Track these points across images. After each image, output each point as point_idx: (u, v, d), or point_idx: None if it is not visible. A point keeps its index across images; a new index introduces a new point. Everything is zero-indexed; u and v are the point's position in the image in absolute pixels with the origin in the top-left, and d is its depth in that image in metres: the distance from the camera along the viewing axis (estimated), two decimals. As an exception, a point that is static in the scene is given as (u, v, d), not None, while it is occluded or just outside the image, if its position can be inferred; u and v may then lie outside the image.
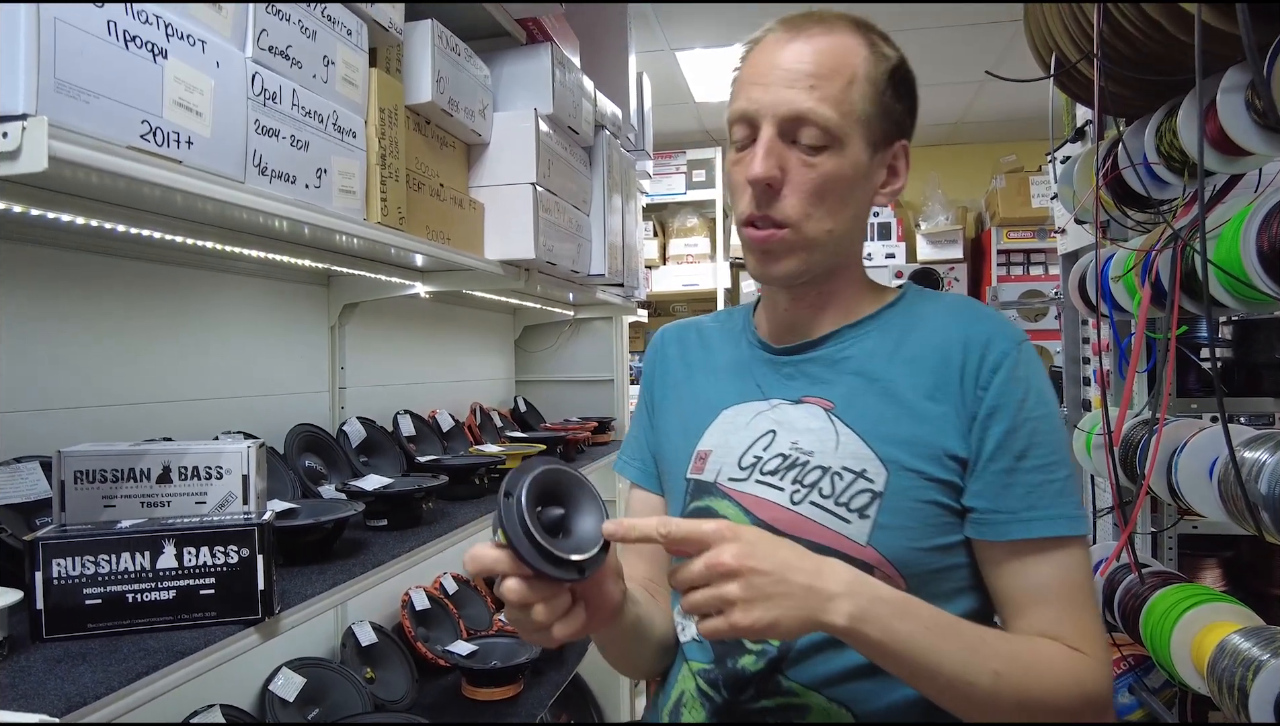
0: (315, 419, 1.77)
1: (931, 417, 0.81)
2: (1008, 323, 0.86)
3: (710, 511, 0.87)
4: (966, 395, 0.81)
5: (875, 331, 0.88)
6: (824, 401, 0.86)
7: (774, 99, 0.81)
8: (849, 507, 0.80)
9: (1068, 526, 0.78)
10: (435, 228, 1.53)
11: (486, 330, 2.73)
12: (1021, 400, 0.80)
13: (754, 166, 0.81)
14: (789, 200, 0.82)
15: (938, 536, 0.80)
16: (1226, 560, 1.79)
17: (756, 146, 0.82)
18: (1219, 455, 1.17)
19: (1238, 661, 1.09)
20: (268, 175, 1.05)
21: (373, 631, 1.84)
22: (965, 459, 0.80)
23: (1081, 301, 1.70)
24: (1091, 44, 1.33)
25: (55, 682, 0.78)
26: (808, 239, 0.83)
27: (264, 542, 0.97)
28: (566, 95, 1.91)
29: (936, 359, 0.83)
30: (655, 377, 1.03)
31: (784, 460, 0.85)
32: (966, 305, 0.88)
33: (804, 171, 0.81)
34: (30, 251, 1.19)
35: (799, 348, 0.91)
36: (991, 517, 0.79)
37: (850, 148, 0.82)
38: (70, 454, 1.02)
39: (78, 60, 0.77)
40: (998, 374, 0.81)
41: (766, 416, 0.88)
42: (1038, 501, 0.78)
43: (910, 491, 0.80)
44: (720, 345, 0.99)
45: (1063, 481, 0.80)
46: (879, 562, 0.79)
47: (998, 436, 0.79)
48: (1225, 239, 1.11)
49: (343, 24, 1.21)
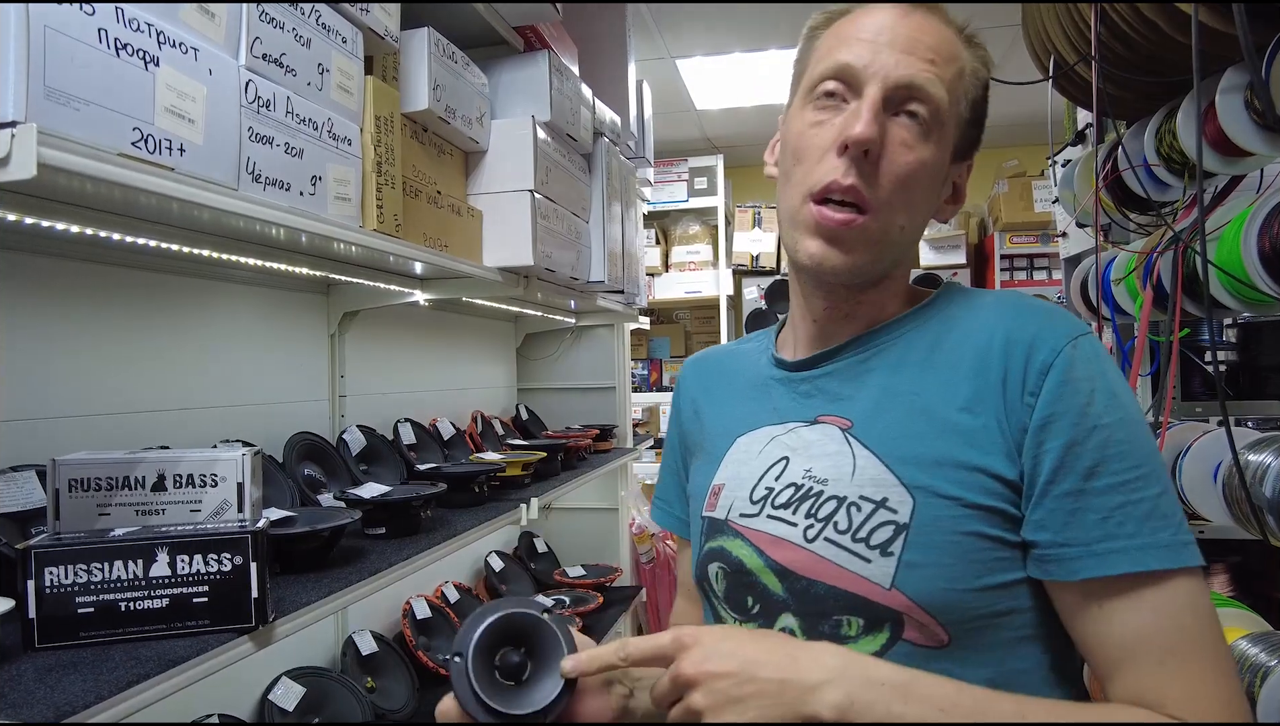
0: (315, 427, 1.76)
1: (969, 433, 0.68)
2: (1063, 315, 0.72)
3: (724, 553, 0.78)
4: (1012, 405, 0.68)
5: (904, 337, 0.77)
6: (841, 420, 0.75)
7: (890, 60, 0.71)
8: (869, 544, 0.69)
9: (1161, 558, 0.62)
10: (433, 235, 1.53)
11: (488, 338, 2.73)
12: (1085, 405, 0.66)
13: (857, 126, 0.69)
14: (881, 179, 0.71)
15: (984, 575, 0.66)
16: (1232, 565, 1.77)
17: (861, 106, 0.71)
18: (1223, 459, 1.16)
19: (1245, 667, 1.07)
20: (262, 182, 1.05)
21: (373, 640, 1.83)
22: (1014, 481, 0.67)
23: (1083, 305, 1.69)
24: (1089, 46, 1.32)
25: (45, 691, 0.78)
26: (884, 231, 0.73)
27: (258, 550, 0.96)
28: (564, 102, 1.91)
29: (974, 364, 0.71)
30: (682, 415, 0.95)
31: (796, 490, 0.74)
32: (1011, 300, 0.75)
33: (901, 152, 0.71)
34: (26, 260, 1.19)
35: (816, 360, 0.80)
36: (1058, 553, 0.65)
37: (943, 143, 0.75)
38: (65, 462, 1.02)
39: (68, 67, 0.77)
40: (1049, 376, 0.67)
41: (779, 441, 0.78)
42: (1116, 529, 0.63)
43: (944, 522, 0.67)
44: (740, 368, 0.90)
45: (1151, 501, 0.64)
46: (908, 608, 0.67)
47: (1057, 452, 0.65)
48: (1226, 240, 1.11)
49: (338, 32, 1.22)
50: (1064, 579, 0.65)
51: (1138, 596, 0.63)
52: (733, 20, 3.17)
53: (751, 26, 3.22)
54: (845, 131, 0.70)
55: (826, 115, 0.74)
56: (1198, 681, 0.61)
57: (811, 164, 0.74)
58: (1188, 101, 1.21)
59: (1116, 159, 1.45)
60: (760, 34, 3.30)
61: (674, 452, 0.97)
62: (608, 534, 2.97)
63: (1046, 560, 0.66)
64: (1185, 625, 0.62)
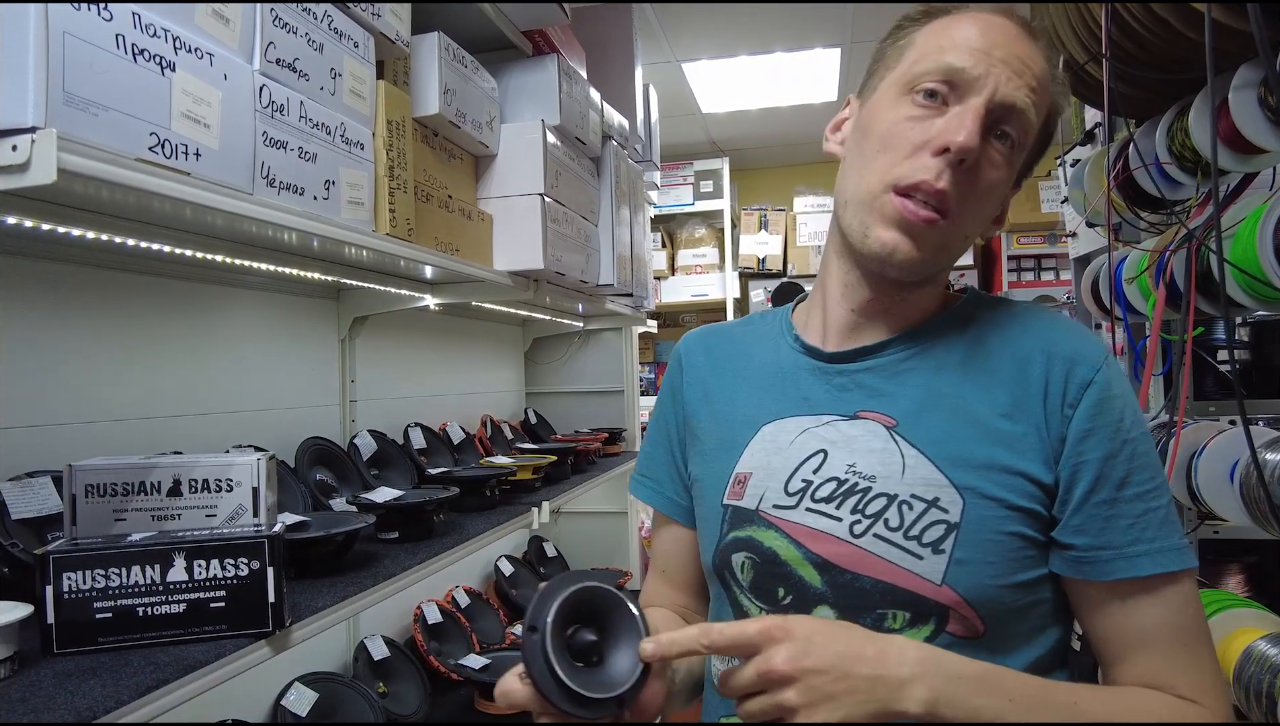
0: (326, 432, 1.77)
1: (1010, 438, 0.72)
2: (1092, 335, 0.78)
3: (753, 542, 0.79)
4: (1051, 415, 0.72)
5: (943, 339, 0.79)
6: (885, 417, 0.76)
7: (1002, 74, 0.72)
8: (920, 541, 0.71)
9: (1176, 560, 0.70)
10: (444, 239, 1.53)
11: (496, 342, 2.73)
12: (1119, 421, 0.71)
13: (961, 133, 0.70)
14: (965, 187, 0.73)
15: (1020, 572, 0.71)
16: (1249, 565, 1.76)
17: (964, 112, 0.71)
18: (1240, 457, 1.16)
19: (1265, 668, 1.07)
20: (276, 187, 1.05)
21: (385, 645, 1.83)
22: (1049, 485, 0.71)
23: (1095, 305, 1.68)
24: (1099, 45, 1.32)
25: (65, 697, 0.78)
26: (954, 238, 0.75)
27: (274, 555, 0.96)
28: (573, 106, 1.91)
29: (1014, 373, 0.74)
30: (684, 389, 0.92)
31: (839, 485, 0.75)
32: (1043, 315, 0.79)
33: (989, 168, 0.73)
34: (42, 267, 1.20)
35: (854, 354, 0.80)
36: (1094, 555, 0.70)
37: (1014, 165, 0.77)
38: (81, 468, 1.02)
39: (86, 73, 0.77)
40: (1088, 391, 0.71)
41: (815, 433, 0.79)
42: (1142, 534, 0.69)
43: (990, 522, 0.71)
44: (755, 350, 0.88)
45: (1165, 508, 0.71)
46: (956, 603, 0.70)
47: (1096, 463, 0.70)
48: (1241, 238, 1.10)
49: (350, 36, 1.22)
50: (1098, 579, 0.70)
51: (1155, 594, 0.70)
52: (738, 24, 3.17)
53: (757, 30, 3.22)
54: (949, 136, 0.71)
55: (925, 112, 0.74)
56: (1200, 668, 0.70)
57: (900, 156, 0.73)
58: (1201, 99, 1.20)
59: (1128, 158, 1.44)
60: (765, 37, 3.30)
61: (668, 431, 0.94)
62: (617, 537, 2.96)
63: (1083, 562, 0.71)
64: (1189, 620, 0.70)
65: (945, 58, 0.73)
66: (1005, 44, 0.73)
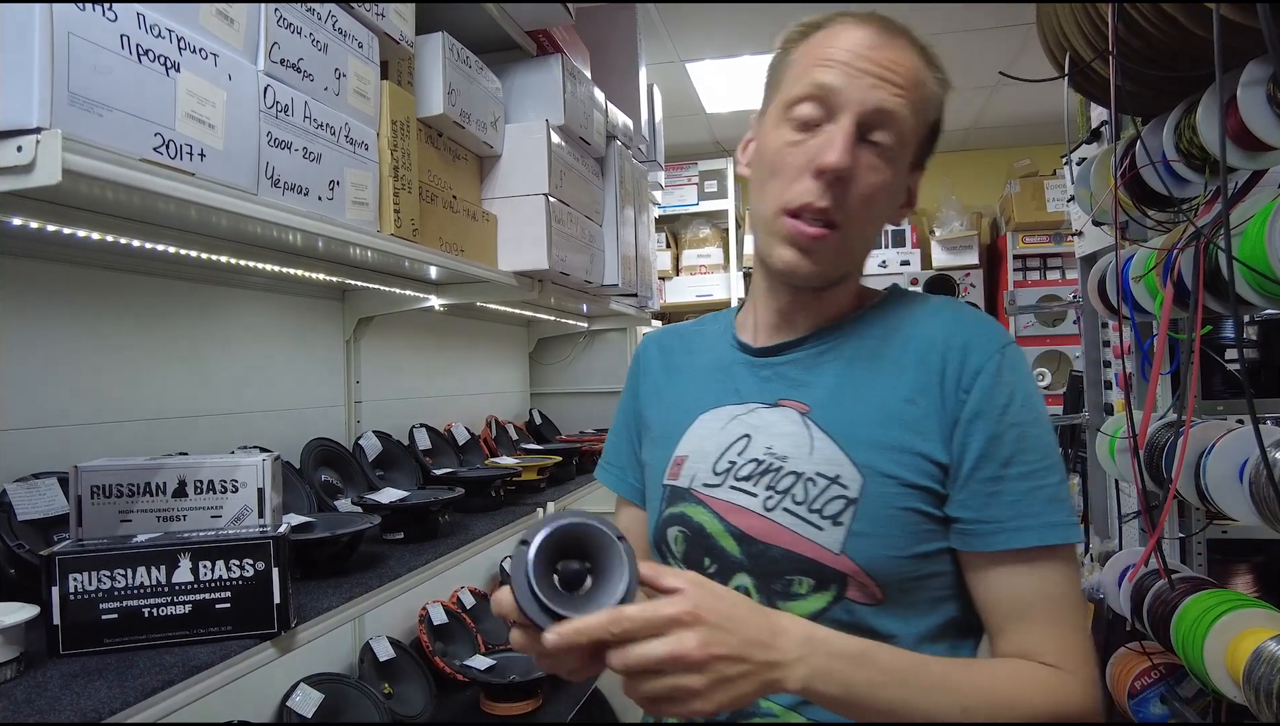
0: (331, 433, 1.77)
1: (911, 421, 0.78)
2: (993, 325, 0.83)
3: (685, 518, 0.86)
4: (947, 399, 0.78)
5: (856, 333, 0.86)
6: (800, 404, 0.84)
7: (866, 87, 0.77)
8: (822, 514, 0.78)
9: (1059, 535, 0.75)
10: (448, 239, 1.53)
11: (501, 343, 2.73)
12: (1006, 405, 0.77)
13: (831, 154, 0.76)
14: (849, 202, 0.78)
15: (917, 544, 0.77)
16: (1258, 565, 1.75)
17: (834, 132, 0.77)
18: (1249, 456, 1.15)
19: (1275, 668, 1.06)
20: (280, 187, 1.05)
21: (390, 646, 1.83)
22: (946, 465, 0.77)
23: (1102, 304, 1.67)
24: (1106, 42, 1.31)
25: (71, 697, 0.78)
26: (851, 244, 0.82)
27: (279, 556, 0.96)
28: (577, 106, 1.91)
29: (917, 361, 0.80)
30: (640, 385, 1.01)
31: (758, 465, 0.83)
32: (950, 307, 0.85)
33: (869, 175, 0.78)
34: (47, 268, 1.20)
35: (778, 348, 0.88)
36: (977, 528, 0.76)
37: (903, 161, 0.82)
38: (87, 469, 1.02)
39: (91, 73, 0.77)
40: (980, 378, 0.78)
41: (742, 420, 0.86)
42: (1025, 510, 0.75)
43: (887, 498, 0.77)
44: (703, 349, 0.97)
45: (1053, 488, 0.76)
46: (854, 571, 0.77)
47: (981, 443, 0.76)
48: (1249, 235, 1.09)
49: (354, 37, 1.22)
50: (981, 549, 0.76)
51: (1033, 567, 0.75)
52: (741, 23, 3.17)
53: (760, 29, 3.22)
54: (822, 158, 0.77)
55: (802, 135, 0.79)
56: (1067, 636, 0.75)
57: (787, 181, 0.80)
58: (1209, 96, 1.19)
59: (1135, 155, 1.44)
60: (769, 37, 3.30)
61: (628, 422, 1.02)
62: (622, 538, 2.95)
63: (967, 534, 0.77)
64: (1064, 592, 0.76)
65: (813, 76, 0.79)
66: (869, 52, 0.78)
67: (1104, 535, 1.91)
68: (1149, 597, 1.39)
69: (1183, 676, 1.41)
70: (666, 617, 0.62)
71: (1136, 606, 1.42)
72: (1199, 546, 1.55)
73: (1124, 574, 1.52)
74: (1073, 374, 2.51)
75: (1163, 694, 1.44)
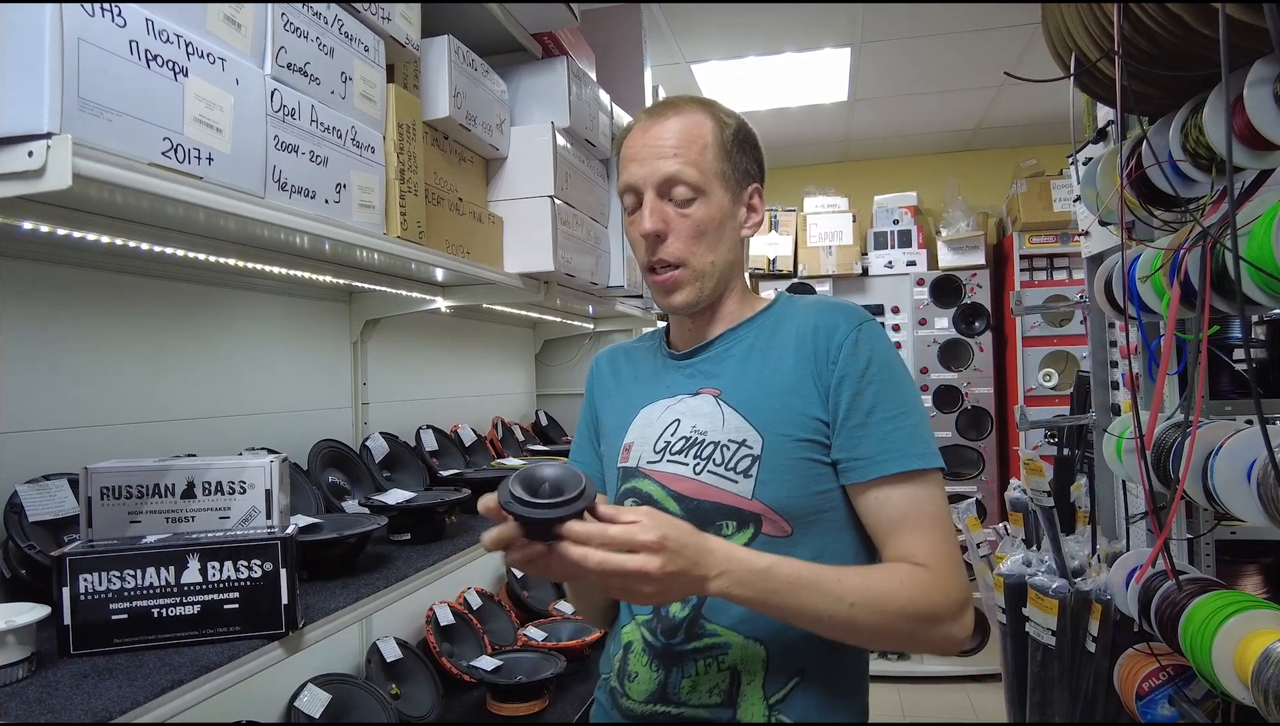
0: (339, 435, 1.77)
1: (795, 390, 1.00)
2: (854, 309, 1.04)
3: (636, 490, 1.06)
4: (821, 369, 0.99)
5: (753, 331, 1.08)
6: (714, 390, 1.06)
7: (649, 170, 1.02)
8: (735, 470, 0.99)
9: (918, 461, 0.95)
10: (455, 242, 1.54)
11: (507, 345, 2.74)
12: (864, 368, 0.98)
13: (643, 223, 1.02)
14: (675, 244, 1.02)
15: (811, 485, 0.98)
16: (1267, 566, 1.74)
17: (643, 208, 1.02)
18: (1257, 457, 1.14)
19: (1284, 670, 1.05)
20: (287, 190, 1.06)
21: (397, 647, 1.83)
22: (825, 419, 0.98)
23: (1108, 304, 1.67)
24: (1112, 42, 1.31)
25: (81, 697, 0.79)
26: (697, 271, 1.04)
27: (287, 556, 0.97)
28: (583, 108, 1.91)
29: (796, 343, 1.02)
30: (595, 394, 1.23)
31: (686, 442, 1.04)
32: (822, 301, 1.07)
33: (682, 221, 1.02)
34: (56, 272, 1.21)
35: (695, 351, 1.10)
36: (853, 464, 0.97)
37: (714, 196, 1.03)
38: (97, 470, 1.03)
39: (101, 79, 0.78)
40: (842, 350, 0.99)
41: (673, 409, 1.07)
42: (890, 445, 0.95)
43: (784, 452, 0.98)
44: (642, 360, 1.19)
45: (912, 427, 0.97)
46: (764, 511, 0.98)
47: (848, 399, 0.97)
48: (1257, 235, 1.09)
49: (360, 40, 1.22)
50: (858, 480, 0.97)
51: (901, 488, 0.95)
52: (747, 24, 3.17)
53: (766, 30, 3.22)
54: (640, 229, 1.03)
55: (634, 216, 1.05)
56: (932, 542, 0.95)
57: (636, 250, 1.07)
58: (1215, 95, 1.19)
59: (1141, 155, 1.43)
60: (775, 38, 3.29)
61: (588, 424, 1.22)
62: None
63: (847, 470, 0.98)
64: (930, 507, 0.96)
65: (623, 177, 1.05)
66: (648, 141, 1.03)
67: (1111, 536, 1.90)
68: (1157, 598, 1.38)
69: (1191, 678, 1.41)
70: (640, 541, 0.81)
71: (1144, 607, 1.42)
72: (1207, 547, 1.55)
73: (1131, 575, 1.51)
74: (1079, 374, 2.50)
75: (1171, 695, 1.44)
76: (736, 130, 1.08)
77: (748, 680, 0.97)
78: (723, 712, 0.97)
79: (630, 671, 1.03)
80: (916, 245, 4.37)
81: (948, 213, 4.42)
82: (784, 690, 0.97)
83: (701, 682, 0.98)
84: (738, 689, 0.98)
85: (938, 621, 0.93)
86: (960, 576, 0.95)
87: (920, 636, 0.93)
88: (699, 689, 0.98)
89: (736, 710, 0.97)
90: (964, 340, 4.10)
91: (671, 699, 0.99)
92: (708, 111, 1.07)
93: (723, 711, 0.97)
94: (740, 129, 1.09)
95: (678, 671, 0.99)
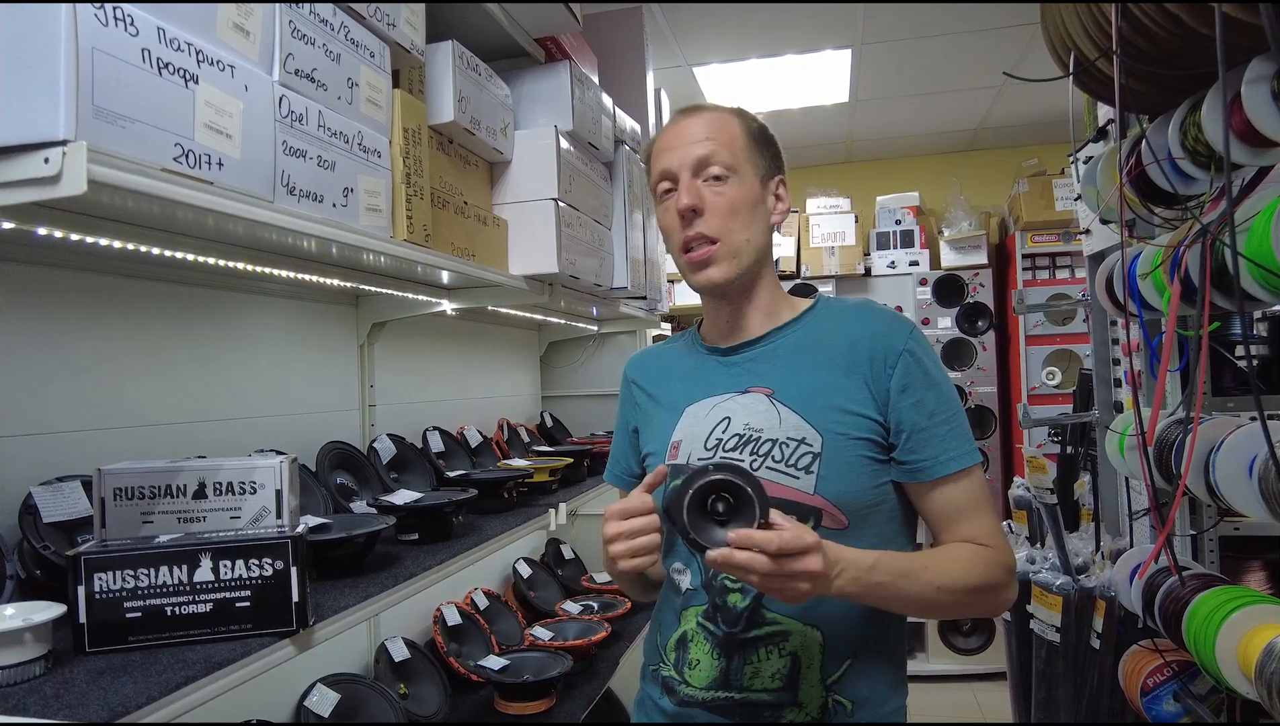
0: (346, 436, 1.79)
1: (848, 392, 1.06)
2: (902, 317, 1.13)
3: None
4: (877, 374, 1.06)
5: (799, 331, 1.13)
6: (765, 389, 1.10)
7: (682, 154, 1.09)
8: (796, 467, 1.04)
9: (971, 459, 1.06)
10: (460, 245, 1.55)
11: (512, 347, 2.75)
12: (924, 376, 1.06)
13: (681, 198, 1.07)
14: (712, 220, 1.07)
15: (869, 480, 1.05)
16: (1270, 562, 1.75)
17: (679, 188, 1.09)
18: (1258, 453, 1.15)
19: (1288, 664, 1.06)
20: (296, 195, 1.07)
21: (405, 647, 1.84)
22: (880, 421, 1.05)
23: (1109, 301, 1.67)
24: (1110, 41, 1.32)
25: (98, 693, 0.80)
26: (733, 248, 1.08)
27: (298, 555, 0.98)
28: (586, 112, 1.93)
29: (847, 348, 1.08)
30: (629, 402, 1.27)
31: (740, 438, 1.07)
32: (868, 307, 1.14)
33: (717, 198, 1.08)
34: (68, 276, 1.23)
35: (739, 347, 1.14)
36: (920, 465, 1.05)
37: (745, 178, 1.10)
38: (110, 472, 1.05)
39: (114, 87, 0.80)
40: (901, 358, 1.06)
41: (721, 407, 1.11)
42: (948, 445, 1.05)
43: (841, 450, 1.04)
44: (677, 359, 1.23)
45: (961, 426, 1.07)
46: (825, 505, 1.03)
47: (912, 405, 1.05)
48: (1256, 232, 1.10)
49: (366, 47, 1.24)
50: (924, 480, 1.05)
51: (961, 483, 1.06)
52: (748, 26, 3.18)
53: (767, 33, 3.23)
54: (677, 205, 1.08)
55: (669, 200, 1.11)
56: (987, 525, 1.06)
57: (671, 235, 1.12)
58: (1213, 93, 1.20)
59: (1140, 153, 1.44)
60: (776, 40, 3.31)
61: (625, 429, 1.27)
62: (633, 540, 2.96)
63: (915, 471, 1.05)
64: (981, 495, 1.08)
65: (660, 165, 1.12)
66: (685, 131, 1.11)
67: (1115, 532, 1.90)
68: (1160, 595, 1.39)
69: (1195, 674, 1.41)
70: (807, 544, 0.87)
71: (1148, 604, 1.42)
72: (1210, 544, 1.55)
73: (1135, 571, 1.52)
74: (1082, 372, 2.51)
75: (1175, 691, 1.44)
76: (761, 128, 1.16)
77: (806, 664, 1.04)
78: (784, 696, 1.04)
79: (691, 659, 1.09)
80: (919, 245, 4.38)
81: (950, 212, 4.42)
82: (839, 671, 1.05)
83: (763, 668, 1.04)
84: (798, 673, 1.04)
85: (1001, 589, 1.05)
86: (1010, 548, 1.07)
87: (986, 604, 1.06)
88: (761, 675, 1.04)
89: (797, 693, 1.04)
90: (967, 339, 4.10)
91: (734, 685, 1.05)
92: (732, 110, 1.16)
93: (784, 695, 1.04)
94: (763, 128, 1.16)
95: (739, 659, 1.05)
